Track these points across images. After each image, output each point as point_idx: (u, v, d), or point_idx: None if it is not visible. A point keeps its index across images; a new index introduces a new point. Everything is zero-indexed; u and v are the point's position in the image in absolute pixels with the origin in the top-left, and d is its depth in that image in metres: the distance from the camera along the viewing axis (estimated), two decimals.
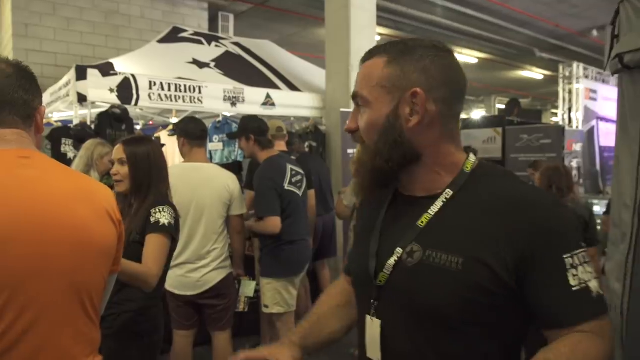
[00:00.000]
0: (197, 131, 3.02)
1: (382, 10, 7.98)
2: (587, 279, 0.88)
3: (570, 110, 9.25)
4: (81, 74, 4.24)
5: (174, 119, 5.34)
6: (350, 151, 5.08)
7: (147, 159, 2.13)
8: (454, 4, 8.74)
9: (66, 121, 5.00)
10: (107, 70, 4.42)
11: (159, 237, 1.98)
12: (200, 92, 4.85)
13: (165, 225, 2.01)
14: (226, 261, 3.00)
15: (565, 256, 0.88)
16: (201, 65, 5.47)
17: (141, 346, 2.05)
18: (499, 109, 17.03)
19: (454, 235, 0.94)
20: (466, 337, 0.93)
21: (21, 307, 1.07)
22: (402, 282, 0.97)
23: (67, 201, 1.17)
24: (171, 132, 4.62)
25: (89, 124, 4.41)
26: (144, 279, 1.84)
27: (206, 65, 5.51)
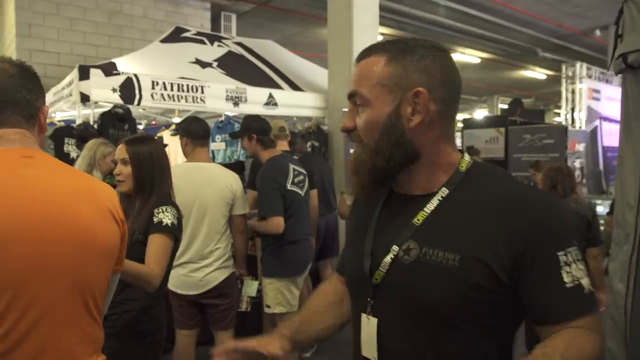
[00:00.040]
0: (200, 131, 3.03)
1: (385, 10, 7.98)
2: (579, 276, 0.90)
3: (573, 110, 9.23)
4: (84, 74, 4.25)
5: (177, 119, 5.35)
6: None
7: (149, 159, 2.13)
8: (456, 3, 8.73)
9: (69, 121, 5.01)
10: (109, 70, 4.42)
11: (161, 237, 1.98)
12: (202, 92, 4.86)
13: (168, 225, 2.01)
14: (229, 261, 3.00)
15: (559, 254, 0.90)
16: (204, 65, 5.47)
17: (144, 345, 2.05)
18: (502, 109, 17.01)
19: (450, 232, 0.94)
20: (463, 334, 0.93)
21: (24, 307, 1.07)
22: (399, 280, 0.97)
23: (70, 201, 1.17)
24: (174, 131, 4.63)
25: (91, 123, 4.42)
26: (147, 279, 1.84)
27: (209, 65, 5.52)
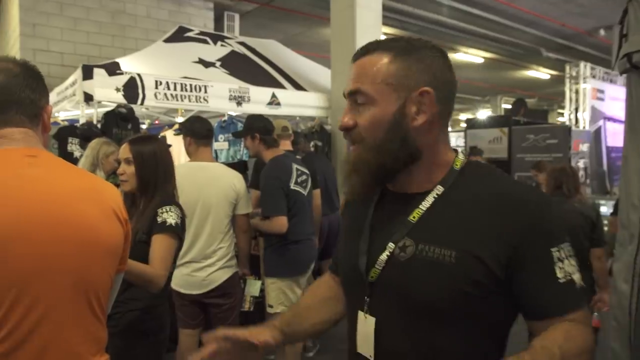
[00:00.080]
0: (204, 130, 3.03)
1: (388, 9, 7.97)
2: (571, 272, 0.93)
3: (577, 110, 9.22)
4: (88, 74, 4.25)
5: (180, 118, 5.35)
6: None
7: (153, 158, 2.13)
8: (460, 3, 8.72)
9: (73, 120, 5.02)
10: (113, 69, 4.43)
11: (165, 238, 1.98)
12: (205, 92, 4.86)
13: (172, 225, 2.01)
14: (232, 260, 3.00)
15: (552, 250, 0.92)
16: (207, 64, 5.48)
17: (147, 345, 2.06)
18: (505, 109, 16.98)
19: (446, 230, 0.95)
20: (459, 330, 0.94)
21: (27, 307, 1.07)
22: (395, 277, 0.97)
23: (73, 200, 1.17)
24: (177, 131, 4.64)
25: (95, 123, 4.43)
26: (151, 280, 1.85)
27: (212, 64, 5.52)
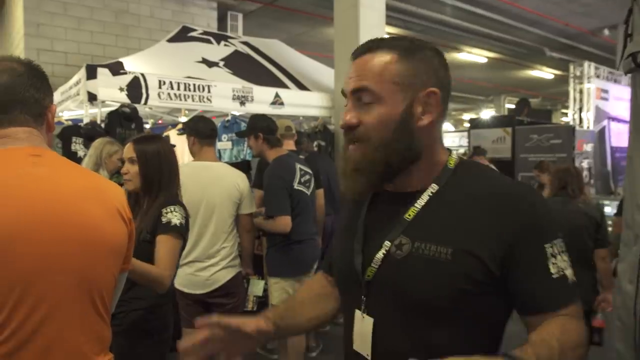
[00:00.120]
0: (207, 130, 3.03)
1: (392, 9, 7.96)
2: (564, 267, 0.94)
3: (580, 110, 9.18)
4: (91, 73, 4.26)
5: (183, 118, 5.36)
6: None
7: (157, 158, 2.13)
8: (463, 3, 8.70)
9: (76, 120, 5.03)
10: (117, 69, 4.44)
11: (170, 238, 1.99)
12: (209, 91, 4.87)
13: (177, 225, 2.01)
14: (235, 260, 3.00)
15: (546, 246, 0.93)
16: (210, 64, 5.48)
17: (150, 344, 2.06)
18: (509, 109, 16.93)
19: (441, 227, 0.96)
20: (458, 328, 0.94)
21: (31, 306, 1.07)
22: (391, 275, 0.97)
23: (77, 199, 1.17)
24: (181, 131, 4.64)
25: (99, 122, 4.43)
26: (158, 280, 1.86)
27: (215, 64, 5.53)
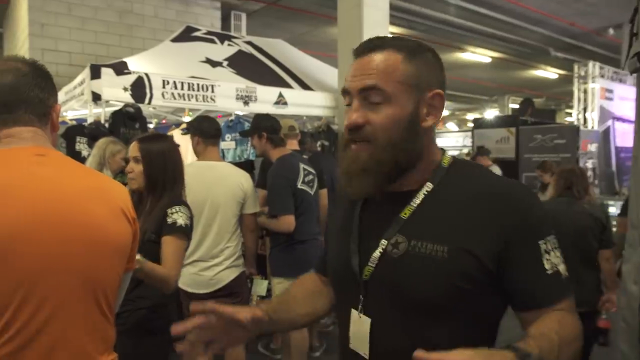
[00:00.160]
0: (212, 130, 3.03)
1: (395, 9, 7.95)
2: (557, 263, 0.95)
3: (585, 110, 9.14)
4: (95, 73, 4.27)
5: (187, 118, 5.36)
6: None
7: (161, 157, 2.13)
8: (467, 2, 8.68)
9: (81, 120, 5.04)
10: (121, 69, 4.44)
11: (177, 239, 2.00)
12: (213, 91, 4.87)
13: (182, 226, 2.02)
14: (239, 260, 3.00)
15: (540, 242, 0.94)
16: (214, 64, 5.48)
17: (154, 343, 2.06)
18: (513, 109, 16.90)
19: (437, 225, 0.97)
20: (456, 325, 0.94)
21: (36, 306, 1.07)
22: (389, 274, 0.98)
23: (81, 199, 1.17)
24: (185, 130, 4.65)
25: (103, 122, 4.44)
26: (164, 279, 1.87)
27: (219, 64, 5.53)
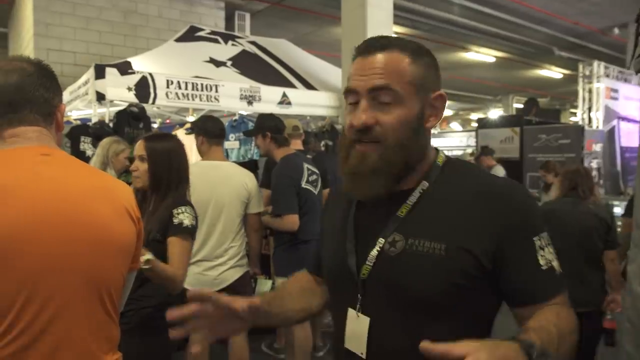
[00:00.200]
0: (216, 129, 3.04)
1: (399, 8, 7.94)
2: (551, 259, 0.97)
3: (590, 109, 9.10)
4: (100, 73, 4.29)
5: (191, 118, 5.38)
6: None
7: (167, 156, 2.13)
8: (471, 2, 8.66)
9: (85, 119, 5.07)
10: (125, 69, 4.46)
11: (183, 239, 2.01)
12: (216, 91, 4.88)
13: (188, 227, 2.03)
14: (243, 259, 3.00)
15: (534, 239, 0.96)
16: (218, 64, 5.49)
17: (159, 341, 2.05)
18: (517, 109, 16.85)
19: (434, 223, 0.97)
20: (453, 323, 0.94)
21: (40, 306, 1.07)
22: (386, 272, 0.98)
23: (86, 199, 1.17)
24: (189, 130, 4.65)
25: (107, 122, 4.46)
26: (172, 279, 1.89)
27: (223, 64, 5.54)
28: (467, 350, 0.70)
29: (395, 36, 1.05)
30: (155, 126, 5.86)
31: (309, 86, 5.79)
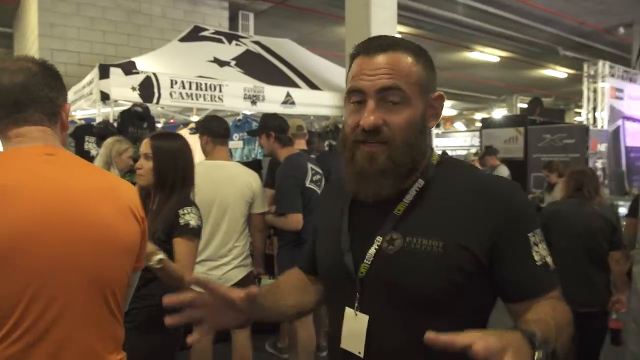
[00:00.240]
0: (221, 129, 3.04)
1: (403, 8, 7.93)
2: (545, 255, 0.98)
3: (594, 109, 9.07)
4: (104, 73, 4.29)
5: (195, 117, 5.38)
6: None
7: (172, 155, 2.13)
8: (475, 1, 8.65)
9: (89, 119, 5.08)
10: (129, 69, 4.46)
11: (189, 240, 2.01)
12: (220, 91, 4.88)
13: (194, 227, 2.04)
14: (247, 259, 3.01)
15: (529, 235, 0.97)
16: (222, 63, 5.49)
17: (162, 340, 2.06)
18: (521, 108, 16.81)
19: (431, 221, 0.98)
20: (452, 320, 0.94)
21: (44, 306, 1.08)
22: (385, 270, 0.98)
23: (90, 199, 1.17)
24: (193, 130, 4.66)
25: (111, 121, 4.47)
26: (181, 279, 1.90)
27: (227, 63, 5.54)
28: (472, 338, 0.70)
29: (395, 36, 1.05)
30: (159, 126, 5.87)
31: (312, 86, 5.79)
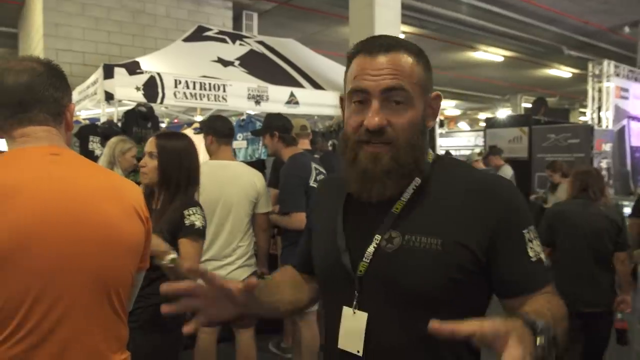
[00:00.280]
0: (225, 129, 3.04)
1: (407, 8, 7.92)
2: (539, 251, 0.99)
3: (599, 109, 9.04)
4: (108, 73, 4.31)
5: (199, 117, 5.39)
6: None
7: (177, 155, 2.13)
8: (479, 1, 8.63)
9: (94, 119, 5.10)
10: (133, 69, 4.48)
11: (195, 241, 2.02)
12: (224, 91, 4.89)
13: (199, 228, 2.04)
14: (251, 259, 3.01)
15: (524, 231, 0.98)
16: (226, 63, 5.50)
17: (166, 339, 2.06)
18: (525, 108, 16.76)
19: (428, 219, 0.99)
20: (450, 317, 0.93)
21: (48, 305, 1.08)
22: (383, 268, 0.98)
23: (95, 199, 1.17)
24: (197, 130, 4.67)
25: (115, 121, 4.48)
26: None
27: (230, 63, 5.55)
28: (474, 327, 0.71)
29: (395, 36, 1.05)
30: (163, 126, 5.89)
31: (316, 86, 5.79)
